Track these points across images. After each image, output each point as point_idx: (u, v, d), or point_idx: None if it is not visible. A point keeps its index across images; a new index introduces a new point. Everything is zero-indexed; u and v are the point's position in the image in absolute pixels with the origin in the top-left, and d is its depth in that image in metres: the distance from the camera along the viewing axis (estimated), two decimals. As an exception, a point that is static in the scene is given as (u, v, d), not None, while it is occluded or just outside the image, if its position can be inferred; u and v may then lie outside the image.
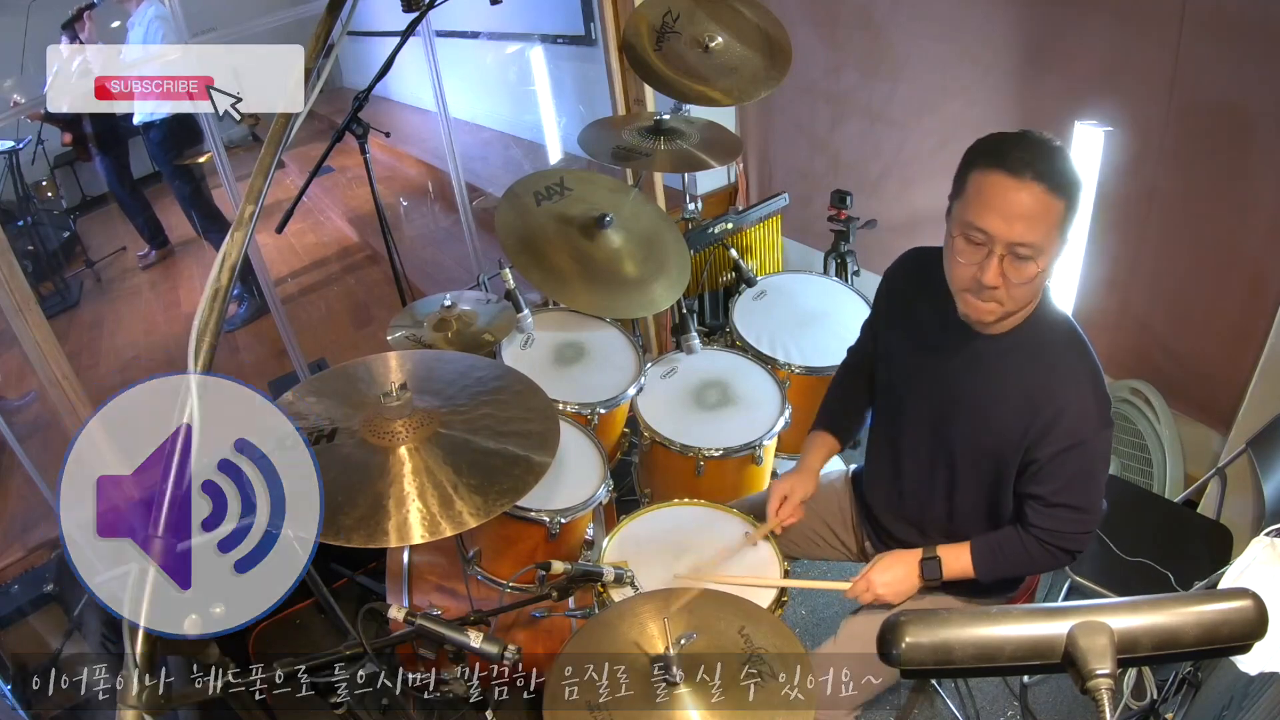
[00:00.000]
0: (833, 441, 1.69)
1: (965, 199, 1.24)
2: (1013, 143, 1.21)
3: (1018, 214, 1.18)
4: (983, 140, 1.26)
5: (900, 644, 0.72)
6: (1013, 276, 1.21)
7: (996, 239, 1.20)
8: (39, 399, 2.59)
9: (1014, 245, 1.19)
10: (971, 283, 1.25)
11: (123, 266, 4.47)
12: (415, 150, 4.96)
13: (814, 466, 1.67)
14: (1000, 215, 1.19)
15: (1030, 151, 1.18)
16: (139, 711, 0.71)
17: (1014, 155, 1.18)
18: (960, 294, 1.29)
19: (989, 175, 1.20)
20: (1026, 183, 1.17)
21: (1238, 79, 1.89)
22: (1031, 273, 1.21)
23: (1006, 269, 1.21)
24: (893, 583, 1.47)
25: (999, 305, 1.26)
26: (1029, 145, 1.19)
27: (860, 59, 2.75)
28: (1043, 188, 1.17)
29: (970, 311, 1.29)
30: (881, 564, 1.50)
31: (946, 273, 1.31)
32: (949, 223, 1.29)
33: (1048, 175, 1.17)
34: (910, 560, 1.47)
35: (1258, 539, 1.36)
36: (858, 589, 1.49)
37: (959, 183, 1.26)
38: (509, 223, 1.93)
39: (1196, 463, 2.23)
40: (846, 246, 2.55)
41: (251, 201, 0.85)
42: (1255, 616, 0.69)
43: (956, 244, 1.25)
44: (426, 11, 1.63)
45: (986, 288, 1.23)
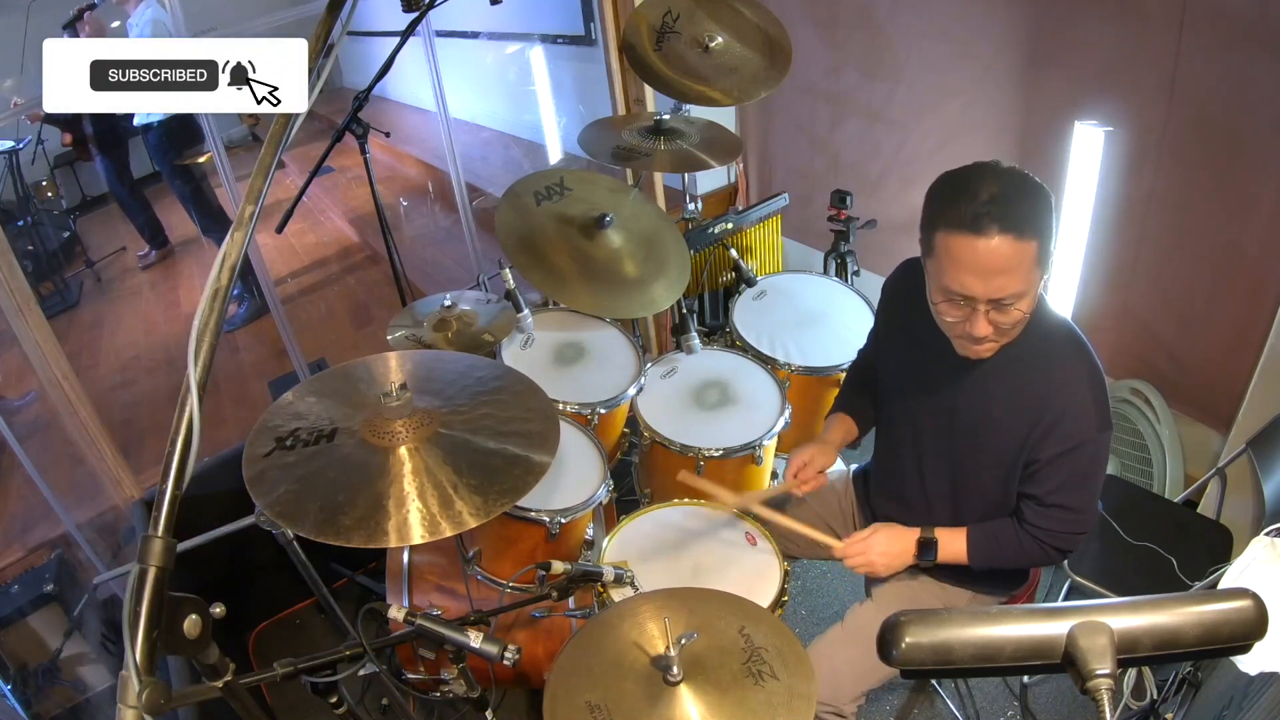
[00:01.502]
0: (851, 423, 1.71)
1: (937, 262, 1.23)
2: (967, 194, 1.16)
3: (992, 270, 1.17)
4: (939, 188, 1.23)
5: (900, 644, 0.72)
6: (1001, 321, 1.24)
7: (977, 298, 1.21)
8: (39, 399, 2.59)
9: (995, 299, 1.20)
10: (963, 334, 1.27)
11: (123, 266, 4.48)
12: (415, 150, 4.96)
13: (834, 440, 1.68)
14: (974, 275, 1.18)
15: (988, 200, 1.14)
16: (139, 711, 0.71)
17: (970, 211, 1.15)
18: (954, 339, 1.32)
19: (953, 238, 1.18)
20: (992, 237, 1.15)
21: (1238, 79, 1.89)
22: (1018, 315, 1.23)
23: (994, 319, 1.23)
24: (886, 555, 1.49)
25: (994, 344, 1.29)
26: (984, 193, 1.15)
27: (860, 59, 2.75)
28: (1009, 237, 1.14)
29: (968, 355, 1.32)
30: (882, 535, 1.50)
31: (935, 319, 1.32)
32: (927, 277, 1.29)
33: (1012, 223, 1.14)
34: (909, 538, 1.49)
35: (1258, 539, 1.36)
36: (851, 550, 1.50)
37: (926, 240, 1.26)
38: (509, 223, 1.93)
39: (1196, 463, 2.23)
40: (846, 246, 2.55)
41: (251, 201, 0.85)
42: (1255, 616, 0.69)
43: (940, 306, 1.27)
44: (426, 11, 1.64)
45: (978, 339, 1.26)
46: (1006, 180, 1.17)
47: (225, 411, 3.25)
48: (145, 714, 0.71)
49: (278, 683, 1.04)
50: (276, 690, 2.14)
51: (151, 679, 0.71)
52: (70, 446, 2.31)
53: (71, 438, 2.26)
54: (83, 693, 2.23)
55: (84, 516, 2.42)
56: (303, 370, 2.80)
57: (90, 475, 2.34)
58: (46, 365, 2.11)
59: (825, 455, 1.65)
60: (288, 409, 1.25)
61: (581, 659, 1.22)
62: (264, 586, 2.40)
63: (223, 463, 2.19)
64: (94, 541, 2.39)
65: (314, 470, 1.14)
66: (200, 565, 2.12)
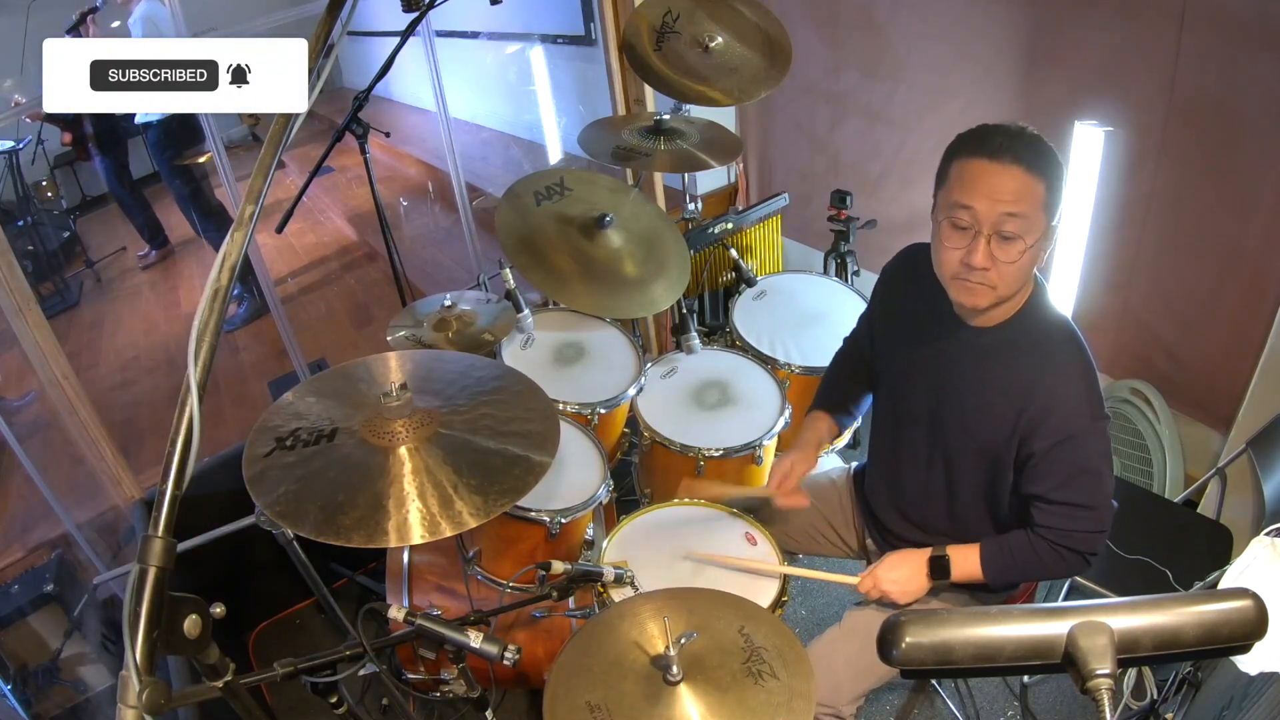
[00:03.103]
0: (830, 421, 1.71)
1: (949, 185, 1.28)
2: (992, 130, 1.25)
3: (1000, 193, 1.22)
4: (962, 134, 1.30)
5: (900, 644, 0.72)
6: (1000, 256, 1.24)
7: (982, 218, 1.23)
8: (39, 399, 2.59)
9: (999, 223, 1.22)
10: (960, 267, 1.27)
11: (123, 266, 4.48)
12: (415, 150, 4.96)
13: (812, 442, 1.68)
14: (984, 195, 1.23)
15: (1009, 137, 1.23)
16: (139, 711, 0.71)
17: (993, 141, 1.23)
18: (951, 282, 1.31)
19: (970, 161, 1.25)
20: (1006, 165, 1.21)
21: (1238, 79, 1.89)
22: (1018, 251, 1.24)
23: (994, 250, 1.24)
24: (899, 580, 1.47)
25: (990, 289, 1.28)
26: (1007, 132, 1.24)
27: (860, 59, 2.75)
28: (1022, 169, 1.21)
29: (963, 298, 1.31)
30: (888, 561, 1.50)
31: (935, 264, 1.34)
32: (935, 213, 1.32)
33: (1026, 158, 1.22)
34: (918, 560, 1.47)
35: (1258, 539, 1.36)
36: (865, 585, 1.50)
37: (942, 174, 1.31)
38: (509, 223, 1.93)
39: (1196, 463, 2.23)
40: (846, 246, 2.55)
41: (251, 201, 0.84)
42: (1255, 616, 0.69)
43: (943, 230, 1.29)
44: (426, 11, 1.64)
45: (976, 269, 1.25)
46: (1024, 131, 1.25)
47: (225, 411, 3.26)
48: (145, 714, 0.71)
49: (278, 683, 1.04)
50: (276, 690, 2.14)
51: (151, 679, 0.71)
52: (70, 446, 2.31)
53: (71, 438, 2.26)
54: (83, 693, 2.23)
55: (84, 516, 2.42)
56: (303, 370, 2.80)
57: (90, 475, 2.34)
58: (46, 365, 2.11)
59: (806, 463, 1.65)
60: (288, 409, 1.25)
61: (581, 659, 1.22)
62: (264, 586, 2.40)
63: (223, 463, 2.19)
64: (94, 541, 2.39)
65: (314, 470, 1.14)
66: (200, 565, 2.12)
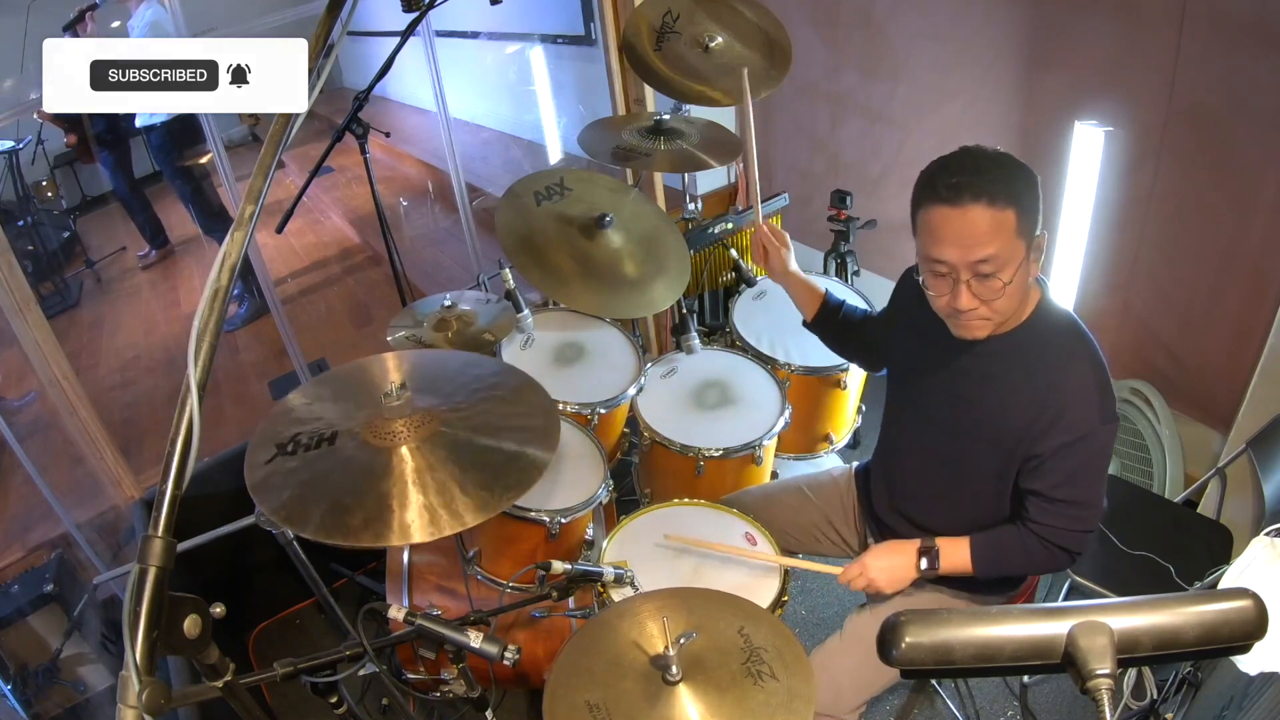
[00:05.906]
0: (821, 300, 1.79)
1: (920, 236, 1.29)
2: (945, 171, 1.23)
3: (967, 239, 1.21)
4: (923, 173, 1.28)
5: (900, 644, 0.72)
6: (984, 295, 1.25)
7: (956, 266, 1.24)
8: (39, 399, 2.59)
9: (975, 267, 1.23)
10: (950, 310, 1.30)
11: (123, 266, 4.48)
12: (415, 150, 4.96)
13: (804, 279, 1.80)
14: (952, 244, 1.23)
15: (965, 174, 1.20)
16: (139, 711, 0.71)
17: (945, 183, 1.21)
18: (947, 320, 1.34)
19: (933, 210, 1.24)
20: (968, 207, 1.19)
21: (1238, 79, 1.89)
22: (1001, 285, 1.24)
23: (976, 290, 1.25)
24: (887, 569, 1.48)
25: (985, 320, 1.30)
26: (961, 168, 1.21)
27: (860, 59, 2.75)
28: (984, 205, 1.19)
29: (962, 334, 1.34)
30: (877, 550, 1.51)
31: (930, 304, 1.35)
32: (919, 261, 1.33)
33: (989, 191, 1.18)
34: (907, 550, 1.48)
35: (1258, 539, 1.36)
36: (851, 573, 1.50)
37: (913, 222, 1.31)
38: (509, 223, 1.93)
39: (1196, 463, 2.23)
40: (846, 246, 2.55)
41: (251, 201, 0.84)
42: (1255, 616, 0.69)
43: (927, 280, 1.31)
44: (426, 11, 1.63)
45: (964, 311, 1.27)
46: (982, 157, 1.23)
47: (225, 411, 3.26)
48: (145, 714, 0.71)
49: (278, 683, 1.04)
50: (276, 690, 2.14)
51: (151, 679, 0.71)
52: (70, 446, 2.31)
53: (71, 438, 2.26)
54: (83, 693, 2.23)
55: (84, 516, 2.42)
56: (303, 370, 2.80)
57: (90, 475, 2.34)
58: (46, 365, 2.11)
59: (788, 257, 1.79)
60: (288, 414, 1.25)
61: (581, 659, 1.22)
62: (264, 586, 2.40)
63: (223, 463, 2.19)
64: (94, 541, 2.39)
65: (318, 474, 1.14)
66: (200, 565, 2.12)
